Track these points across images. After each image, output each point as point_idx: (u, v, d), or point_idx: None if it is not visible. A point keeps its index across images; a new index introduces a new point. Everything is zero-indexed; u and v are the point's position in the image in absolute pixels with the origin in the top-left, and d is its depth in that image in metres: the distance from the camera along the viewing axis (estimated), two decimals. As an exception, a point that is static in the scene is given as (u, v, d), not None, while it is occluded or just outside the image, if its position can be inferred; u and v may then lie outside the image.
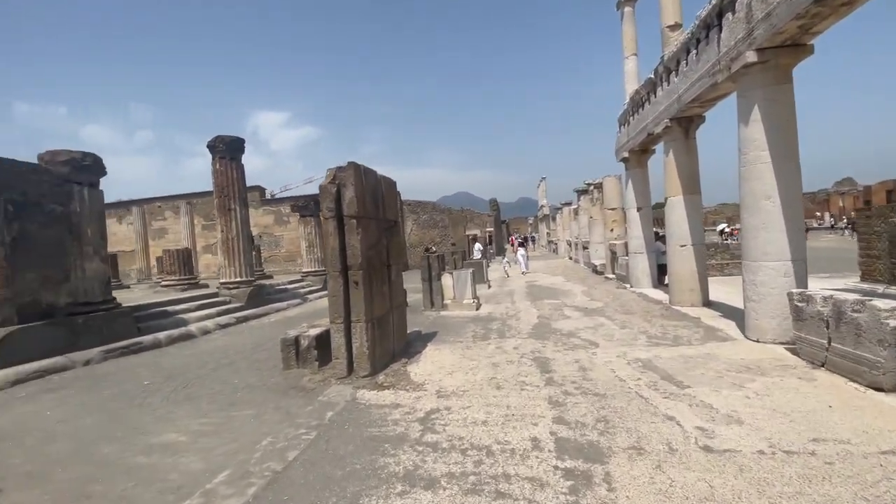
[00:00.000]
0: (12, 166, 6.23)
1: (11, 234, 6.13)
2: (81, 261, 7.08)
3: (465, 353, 5.82)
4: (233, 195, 10.81)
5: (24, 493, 2.90)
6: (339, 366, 4.94)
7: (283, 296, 12.73)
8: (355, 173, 4.90)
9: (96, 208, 7.39)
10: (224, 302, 10.48)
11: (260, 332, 8.58)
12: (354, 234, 4.84)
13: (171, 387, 5.17)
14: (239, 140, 11.16)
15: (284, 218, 25.13)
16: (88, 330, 6.86)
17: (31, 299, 6.34)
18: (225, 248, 10.80)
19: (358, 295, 4.86)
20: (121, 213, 26.17)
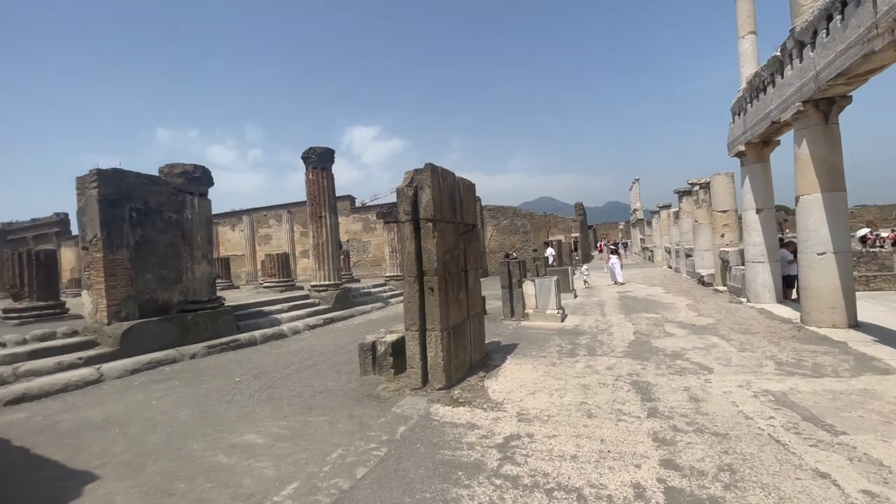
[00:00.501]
0: (137, 178, 7.08)
1: (135, 238, 6.95)
2: (192, 263, 7.82)
3: (550, 370, 5.28)
4: (323, 203, 11.37)
5: (118, 483, 3.05)
6: (414, 376, 4.73)
7: (367, 299, 13.10)
8: (432, 175, 4.68)
9: (205, 215, 8.15)
10: (313, 303, 11.02)
11: (344, 334, 8.80)
12: (430, 238, 4.61)
13: (257, 385, 5.37)
14: (329, 151, 11.74)
15: (371, 225, 26.28)
16: (196, 326, 7.53)
17: (150, 297, 7.12)
18: (316, 252, 11.39)
19: (433, 302, 4.61)
20: (233, 221, 29.35)
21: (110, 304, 6.58)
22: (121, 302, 6.71)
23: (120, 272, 6.73)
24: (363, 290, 14.04)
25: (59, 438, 3.91)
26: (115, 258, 6.70)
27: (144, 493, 2.90)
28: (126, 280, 6.79)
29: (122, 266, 6.77)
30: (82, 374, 5.69)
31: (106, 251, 6.58)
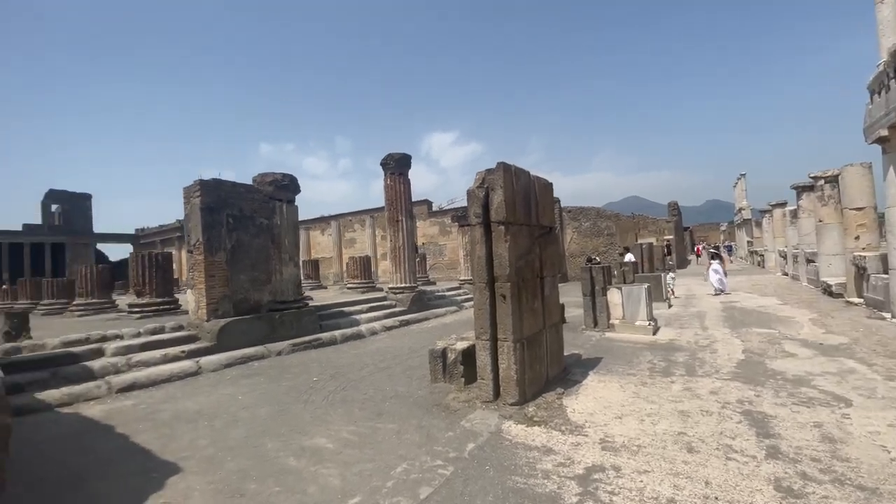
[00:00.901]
0: (233, 187, 7.71)
1: (231, 242, 7.56)
2: (280, 265, 8.34)
3: (640, 390, 4.69)
4: (400, 207, 11.58)
5: (198, 477, 3.18)
6: (485, 388, 4.46)
7: (442, 302, 13.08)
8: (504, 175, 4.39)
9: (292, 221, 8.65)
10: (390, 305, 11.23)
11: (418, 337, 8.80)
12: (502, 242, 4.31)
13: (332, 386, 5.47)
14: (406, 156, 11.93)
15: (447, 228, 26.48)
16: (282, 324, 8.00)
17: (243, 297, 7.69)
18: (392, 255, 11.62)
19: (505, 310, 4.30)
20: (323, 226, 31.42)
21: (209, 303, 7.21)
22: (218, 301, 7.33)
23: (218, 273, 7.36)
24: (438, 293, 14.06)
25: (156, 428, 4.26)
26: (214, 260, 7.34)
27: (218, 490, 2.98)
28: (223, 280, 7.41)
29: (220, 268, 7.39)
30: (183, 367, 6.26)
31: (206, 254, 7.23)
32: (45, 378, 5.29)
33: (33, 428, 4.33)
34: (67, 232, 37.15)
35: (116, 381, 5.57)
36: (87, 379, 5.52)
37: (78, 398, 5.12)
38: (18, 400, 4.82)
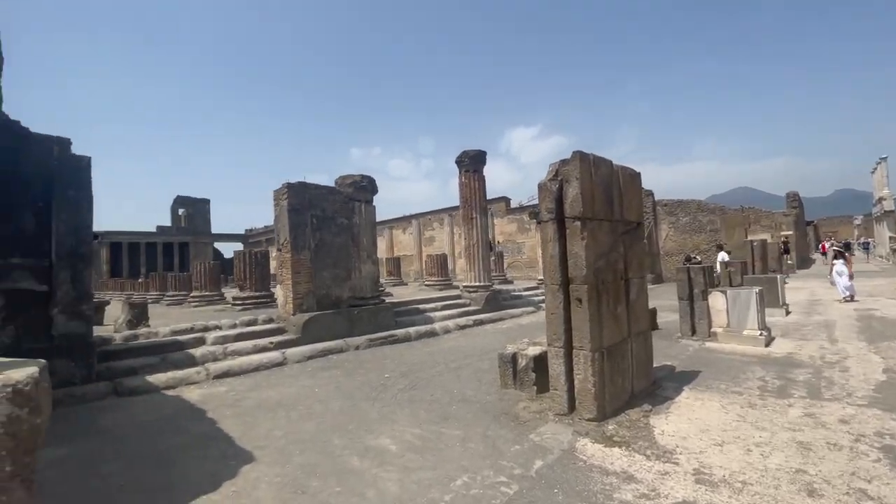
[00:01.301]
0: (316, 189, 8.13)
1: (314, 241, 7.97)
2: (359, 263, 8.63)
3: (747, 413, 3.98)
4: (474, 205, 11.41)
5: (268, 469, 3.29)
6: (558, 399, 4.09)
7: (518, 302, 12.66)
8: (581, 165, 3.97)
9: (370, 220, 8.91)
10: (464, 304, 11.12)
11: (491, 337, 8.55)
12: (578, 240, 3.91)
13: (402, 384, 5.46)
14: (481, 153, 11.72)
15: (526, 225, 25.79)
16: (360, 320, 8.26)
17: (325, 293, 8.08)
18: (467, 254, 11.50)
19: (581, 316, 3.90)
20: (404, 225, 32.47)
21: (295, 298, 7.67)
22: (303, 296, 7.77)
23: (303, 270, 7.80)
24: (514, 292, 13.66)
25: (240, 415, 4.56)
26: (300, 258, 7.79)
27: (283, 485, 3.05)
28: (307, 277, 7.84)
29: (305, 265, 7.83)
30: (271, 357, 6.71)
31: (293, 252, 7.70)
32: (156, 363, 5.99)
33: (142, 408, 4.89)
34: (191, 232, 42.85)
35: (213, 368, 6.12)
36: (189, 365, 6.14)
37: (181, 382, 5.71)
38: (132, 382, 5.50)
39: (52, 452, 3.68)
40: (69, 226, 5.50)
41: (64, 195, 5.49)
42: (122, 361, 5.85)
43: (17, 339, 5.07)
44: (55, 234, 5.37)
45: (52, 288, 5.31)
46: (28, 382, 1.23)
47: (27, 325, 5.13)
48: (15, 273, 5.10)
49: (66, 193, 5.52)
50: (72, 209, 5.55)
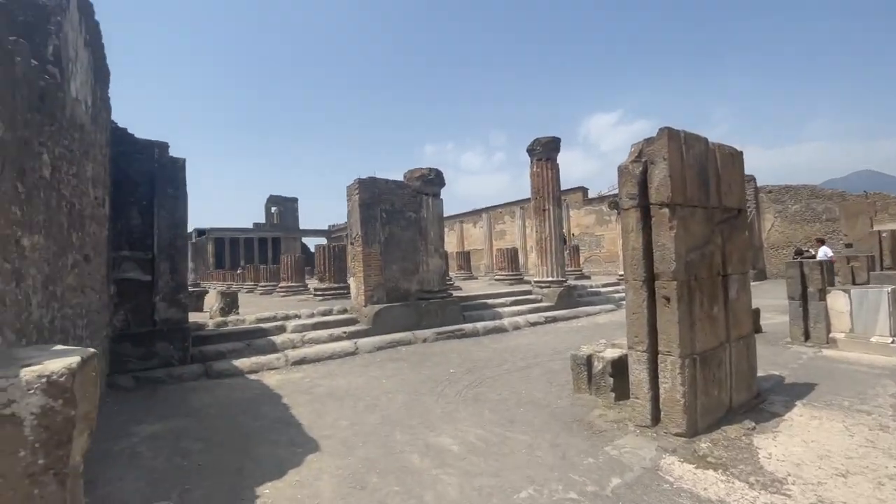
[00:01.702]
0: (386, 184, 8.22)
1: (384, 235, 8.08)
2: (427, 257, 8.61)
3: (878, 437, 3.23)
4: (547, 195, 10.87)
5: (331, 460, 3.30)
6: (640, 409, 3.64)
7: (595, 299, 11.89)
8: (670, 143, 3.46)
9: (437, 214, 8.84)
10: (535, 300, 10.67)
11: (564, 336, 8.08)
12: (665, 230, 3.42)
13: (467, 381, 5.29)
14: (554, 140, 11.13)
15: (605, 217, 24.32)
16: (428, 313, 8.25)
17: (394, 285, 8.17)
18: (539, 247, 11.01)
19: (669, 317, 3.41)
20: (475, 219, 32.32)
21: (366, 290, 7.85)
22: (373, 288, 7.92)
23: (373, 263, 7.95)
24: (591, 288, 12.86)
25: (312, 402, 4.69)
26: (370, 251, 7.94)
27: (343, 478, 3.02)
28: (378, 270, 7.98)
29: (375, 258, 7.97)
30: (344, 347, 6.91)
31: (364, 246, 7.87)
32: (241, 348, 6.44)
33: (227, 391, 5.25)
34: (281, 228, 46.56)
35: (291, 355, 6.44)
36: (270, 351, 6.53)
37: (262, 367, 6.07)
38: (220, 365, 5.95)
39: (149, 428, 4.06)
40: (168, 221, 6.08)
41: (164, 193, 6.07)
42: (212, 346, 6.37)
43: (127, 323, 5.71)
44: (156, 228, 5.96)
45: (154, 278, 5.91)
46: (63, 373, 1.19)
47: (135, 310, 5.76)
48: (125, 264, 5.74)
49: (166, 191, 6.10)
50: (170, 206, 6.12)
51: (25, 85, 2.18)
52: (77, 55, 3.32)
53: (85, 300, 3.88)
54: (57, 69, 2.73)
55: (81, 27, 3.47)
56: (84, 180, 3.75)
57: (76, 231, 3.36)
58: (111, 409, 4.58)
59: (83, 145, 3.68)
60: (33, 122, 2.31)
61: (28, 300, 2.07)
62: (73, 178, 3.32)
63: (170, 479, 3.06)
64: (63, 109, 2.90)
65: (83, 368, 1.27)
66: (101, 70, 4.69)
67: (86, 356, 1.32)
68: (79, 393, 1.21)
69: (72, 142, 3.23)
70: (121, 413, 4.48)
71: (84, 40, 3.60)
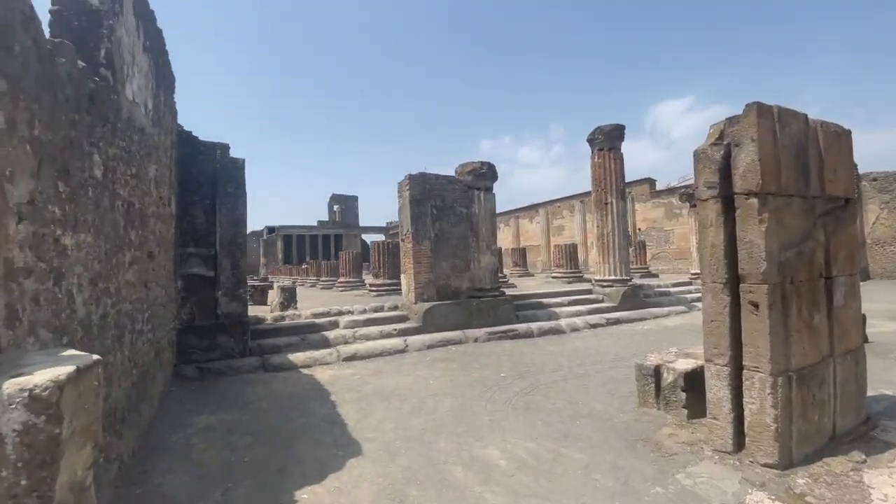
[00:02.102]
0: (436, 179, 8.06)
1: (434, 231, 7.93)
2: (478, 254, 8.35)
3: None
4: (609, 188, 10.15)
5: (371, 467, 3.16)
6: (719, 431, 3.15)
7: (664, 299, 10.97)
8: (759, 121, 2.93)
9: (489, 209, 8.54)
10: (596, 300, 10.03)
11: (628, 340, 7.47)
12: (754, 223, 2.90)
13: (519, 386, 4.98)
14: (618, 128, 10.36)
15: (675, 210, 22.57)
16: (479, 312, 7.99)
17: (444, 283, 8.00)
18: (600, 243, 10.33)
19: (758, 326, 2.90)
20: (531, 214, 31.46)
21: (416, 287, 7.75)
22: (424, 285, 7.81)
23: (423, 260, 7.83)
24: (659, 288, 11.90)
25: (359, 401, 4.63)
26: (421, 248, 7.84)
27: (383, 488, 2.87)
28: (428, 267, 7.85)
29: (425, 255, 7.85)
30: (394, 344, 6.86)
31: (414, 242, 7.78)
32: (297, 342, 6.59)
33: (281, 385, 5.35)
34: (343, 225, 48.42)
35: (343, 351, 6.49)
36: (323, 346, 6.62)
37: (315, 362, 6.16)
38: (276, 359, 6.10)
39: (205, 419, 4.19)
40: (229, 219, 6.34)
41: (225, 192, 6.34)
42: (270, 339, 6.58)
43: (193, 317, 6.03)
44: (218, 226, 6.24)
45: (216, 273, 6.19)
46: (48, 387, 1.08)
47: (199, 304, 6.07)
48: (190, 260, 6.06)
49: (227, 190, 6.36)
50: (231, 204, 6.38)
51: (70, 86, 2.20)
52: (134, 59, 3.43)
53: (148, 295, 4.06)
54: (109, 72, 2.80)
55: (139, 32, 3.59)
56: (146, 181, 3.92)
57: (135, 229, 3.48)
58: (175, 398, 4.83)
59: (144, 147, 3.84)
60: (82, 123, 2.35)
61: (71, 298, 2.09)
62: (133, 178, 3.45)
63: (216, 475, 3.09)
64: (118, 112, 2.98)
65: (78, 379, 1.16)
66: (165, 76, 4.92)
67: (84, 365, 1.22)
68: (67, 408, 1.10)
69: (129, 143, 3.35)
70: (183, 402, 4.70)
71: (143, 45, 3.73)
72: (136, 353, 3.41)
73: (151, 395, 4.02)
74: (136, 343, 3.45)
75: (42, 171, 1.85)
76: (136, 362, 3.38)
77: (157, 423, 4.03)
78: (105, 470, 2.54)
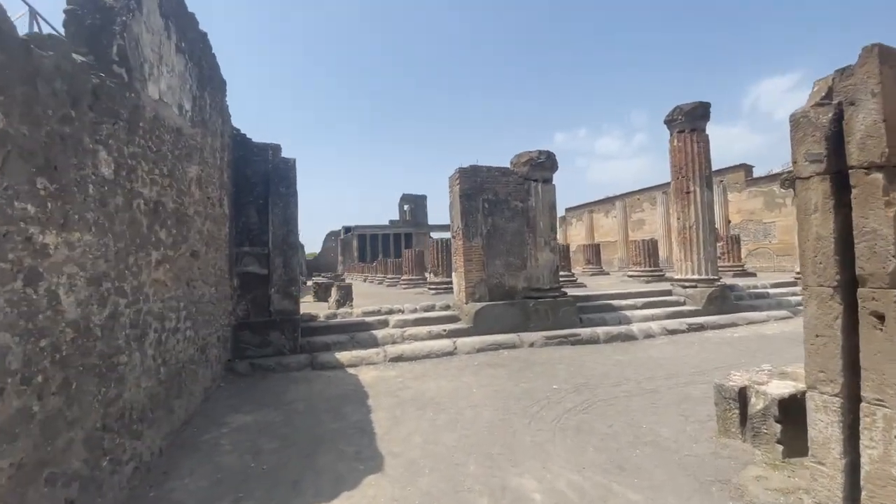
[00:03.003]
0: (488, 171, 7.59)
1: (486, 227, 7.48)
2: (535, 251, 7.75)
3: None
4: (691, 174, 8.93)
5: (388, 485, 2.86)
6: (824, 481, 2.38)
7: (761, 302, 9.45)
8: (882, 69, 2.13)
9: (548, 201, 7.89)
10: (676, 302, 8.88)
11: (713, 351, 6.43)
12: (877, 207, 2.12)
13: (572, 402, 4.39)
14: (702, 105, 9.09)
15: (777, 200, 19.72)
16: (536, 314, 7.40)
17: (498, 282, 7.51)
18: (680, 238, 9.14)
19: (883, 345, 2.11)
20: (607, 207, 29.48)
21: (467, 286, 7.37)
22: (475, 284, 7.40)
23: (475, 258, 7.43)
24: (756, 289, 10.29)
25: (394, 407, 4.37)
26: (472, 245, 7.44)
27: (392, 516, 2.55)
28: (479, 265, 7.43)
29: (477, 253, 7.44)
30: (442, 345, 6.55)
31: (464, 239, 7.40)
32: (345, 341, 6.55)
33: (324, 384, 5.28)
34: (413, 224, 49.46)
35: (390, 351, 6.32)
36: (371, 345, 6.51)
37: (361, 361, 6.06)
38: (324, 357, 6.09)
39: (242, 418, 4.19)
40: (280, 218, 6.46)
41: (277, 192, 6.47)
42: (320, 337, 6.61)
43: (248, 313, 6.22)
44: (271, 225, 6.38)
45: (269, 271, 6.33)
46: None
47: (254, 301, 6.25)
48: (245, 259, 6.26)
49: (279, 190, 6.49)
50: (283, 204, 6.50)
51: (61, 79, 2.13)
52: (162, 59, 3.46)
53: (191, 293, 4.14)
54: (123, 69, 2.78)
55: (170, 32, 3.62)
56: (183, 181, 3.98)
57: (167, 228, 3.52)
58: (222, 394, 4.94)
59: (180, 148, 3.89)
60: (81, 119, 2.30)
61: (54, 299, 2.01)
62: (164, 177, 3.48)
63: (231, 481, 2.98)
64: (137, 110, 2.97)
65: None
66: (212, 79, 5.04)
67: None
68: None
69: (159, 143, 3.37)
70: (229, 398, 4.79)
71: (176, 46, 3.78)
72: (165, 351, 3.44)
73: (191, 391, 4.09)
74: (167, 342, 3.49)
75: (8, 165, 1.76)
76: (164, 360, 3.41)
77: (198, 419, 4.10)
78: (112, 473, 2.50)
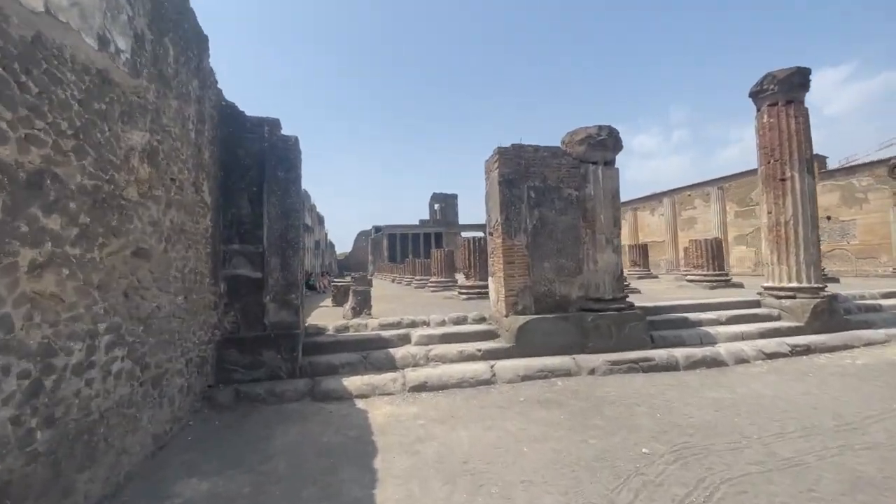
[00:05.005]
0: (535, 152, 6.13)
1: (532, 221, 6.02)
2: (593, 251, 6.23)
3: None
4: (787, 157, 7.15)
5: None
6: None
7: (874, 318, 7.52)
8: None
9: (610, 189, 6.35)
10: (769, 316, 7.12)
11: (843, 387, 4.74)
12: None
13: (680, 482, 2.89)
14: (800, 72, 7.30)
15: (858, 194, 17.19)
16: (596, 330, 5.89)
17: (546, 289, 6.04)
18: (772, 235, 7.36)
19: None
20: (653, 205, 27.21)
21: (508, 295, 5.95)
22: (518, 293, 5.98)
23: (517, 259, 6.00)
24: (861, 300, 8.33)
25: (410, 474, 3.01)
26: (513, 244, 6.02)
27: None
28: (523, 268, 6.00)
29: (519, 253, 6.01)
30: (476, 370, 5.17)
31: (504, 236, 5.99)
32: (356, 361, 5.28)
33: (322, 426, 3.99)
34: (443, 224, 48.26)
35: (410, 377, 5.00)
36: (388, 368, 5.21)
37: (374, 390, 4.77)
38: (328, 384, 4.82)
39: (196, 486, 2.95)
40: (278, 209, 5.27)
41: (274, 177, 5.28)
42: (325, 356, 5.37)
43: (237, 327, 5.05)
44: (266, 218, 5.19)
45: (263, 275, 5.14)
46: None
47: (244, 312, 5.08)
48: (235, 259, 5.10)
49: (276, 175, 5.30)
50: (281, 191, 5.30)
51: None
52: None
53: (128, 307, 2.95)
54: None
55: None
56: (113, 149, 2.79)
57: (67, 216, 2.32)
58: (183, 441, 3.73)
59: (105, 101, 2.70)
60: None
61: None
62: (63, 137, 2.28)
63: None
64: None
65: None
66: (178, 24, 3.87)
67: None
68: None
69: (44, 82, 2.16)
70: (189, 449, 3.57)
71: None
72: (53, 403, 2.23)
73: (122, 449, 2.89)
74: (61, 388, 2.28)
75: None
76: (48, 417, 2.20)
77: (131, 488, 2.89)
78: None
